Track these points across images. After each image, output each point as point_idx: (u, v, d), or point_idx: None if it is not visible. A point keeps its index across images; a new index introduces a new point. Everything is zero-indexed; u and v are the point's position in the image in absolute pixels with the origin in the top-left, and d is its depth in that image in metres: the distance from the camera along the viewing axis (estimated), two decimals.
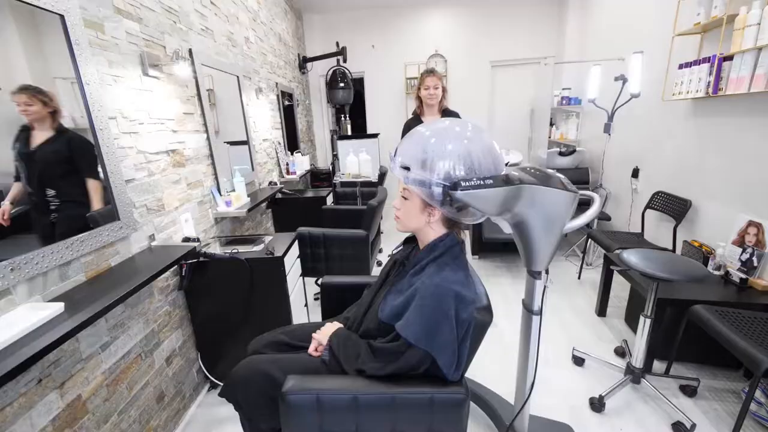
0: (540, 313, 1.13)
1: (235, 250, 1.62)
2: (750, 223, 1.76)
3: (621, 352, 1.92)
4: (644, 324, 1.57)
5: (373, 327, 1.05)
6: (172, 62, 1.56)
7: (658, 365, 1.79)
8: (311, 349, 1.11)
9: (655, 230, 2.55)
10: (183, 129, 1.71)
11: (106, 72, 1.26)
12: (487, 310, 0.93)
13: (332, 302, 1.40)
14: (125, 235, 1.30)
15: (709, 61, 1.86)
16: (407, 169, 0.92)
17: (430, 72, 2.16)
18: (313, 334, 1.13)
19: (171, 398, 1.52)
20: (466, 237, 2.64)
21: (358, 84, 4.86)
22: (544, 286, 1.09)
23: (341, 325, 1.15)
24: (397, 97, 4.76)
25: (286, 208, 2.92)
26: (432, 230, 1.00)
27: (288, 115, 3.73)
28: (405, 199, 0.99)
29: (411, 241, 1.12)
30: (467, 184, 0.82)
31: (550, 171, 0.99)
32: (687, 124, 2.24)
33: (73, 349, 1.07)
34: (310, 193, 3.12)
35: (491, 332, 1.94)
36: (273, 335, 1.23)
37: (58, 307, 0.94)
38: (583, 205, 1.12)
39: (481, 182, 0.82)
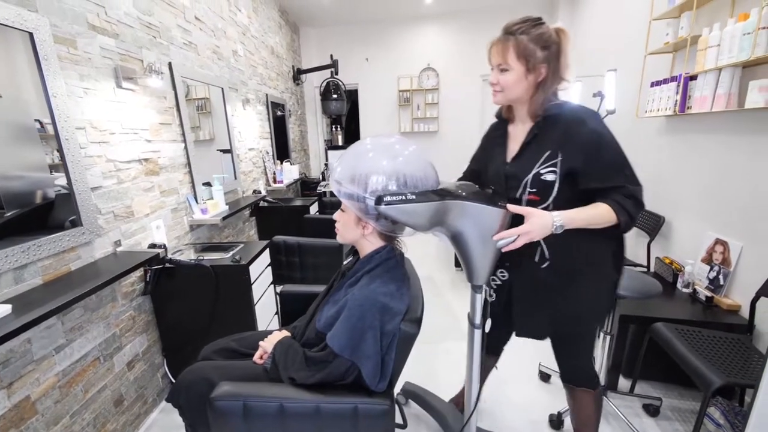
0: (482, 326, 1.14)
1: (201, 257, 1.66)
2: (717, 241, 1.76)
3: None
4: (603, 340, 1.57)
5: (312, 336, 1.07)
6: (146, 76, 1.62)
7: (625, 383, 1.78)
8: (256, 357, 1.14)
9: (634, 246, 2.54)
10: (158, 138, 1.77)
11: (76, 85, 1.32)
12: (416, 322, 0.94)
13: (292, 311, 1.42)
14: (88, 241, 1.34)
15: (676, 80, 1.88)
16: (340, 183, 0.95)
17: (503, 34, 0.96)
18: (260, 342, 1.15)
19: (131, 402, 1.54)
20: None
21: (354, 95, 4.95)
22: (485, 300, 1.11)
23: (288, 334, 1.17)
24: (390, 109, 4.83)
25: (270, 216, 2.97)
26: (369, 242, 1.03)
27: (280, 125, 3.80)
28: (343, 211, 1.03)
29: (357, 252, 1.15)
30: (390, 198, 0.85)
31: (486, 188, 1.01)
32: (660, 140, 2.25)
33: (24, 350, 1.11)
34: (298, 202, 3.16)
35: (461, 346, 1.93)
36: (224, 342, 1.25)
37: (5, 308, 0.98)
38: None
39: (404, 197, 0.85)
